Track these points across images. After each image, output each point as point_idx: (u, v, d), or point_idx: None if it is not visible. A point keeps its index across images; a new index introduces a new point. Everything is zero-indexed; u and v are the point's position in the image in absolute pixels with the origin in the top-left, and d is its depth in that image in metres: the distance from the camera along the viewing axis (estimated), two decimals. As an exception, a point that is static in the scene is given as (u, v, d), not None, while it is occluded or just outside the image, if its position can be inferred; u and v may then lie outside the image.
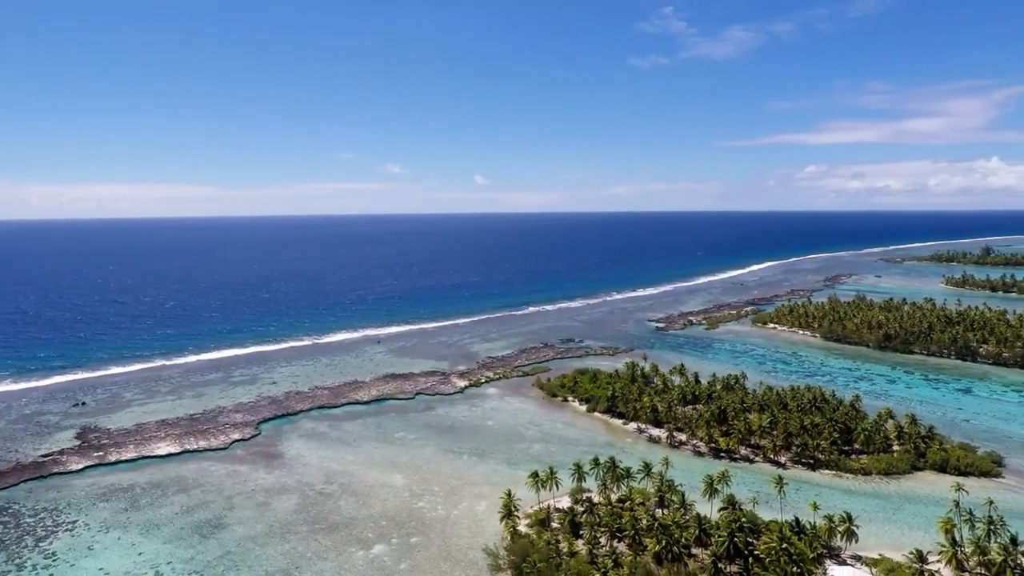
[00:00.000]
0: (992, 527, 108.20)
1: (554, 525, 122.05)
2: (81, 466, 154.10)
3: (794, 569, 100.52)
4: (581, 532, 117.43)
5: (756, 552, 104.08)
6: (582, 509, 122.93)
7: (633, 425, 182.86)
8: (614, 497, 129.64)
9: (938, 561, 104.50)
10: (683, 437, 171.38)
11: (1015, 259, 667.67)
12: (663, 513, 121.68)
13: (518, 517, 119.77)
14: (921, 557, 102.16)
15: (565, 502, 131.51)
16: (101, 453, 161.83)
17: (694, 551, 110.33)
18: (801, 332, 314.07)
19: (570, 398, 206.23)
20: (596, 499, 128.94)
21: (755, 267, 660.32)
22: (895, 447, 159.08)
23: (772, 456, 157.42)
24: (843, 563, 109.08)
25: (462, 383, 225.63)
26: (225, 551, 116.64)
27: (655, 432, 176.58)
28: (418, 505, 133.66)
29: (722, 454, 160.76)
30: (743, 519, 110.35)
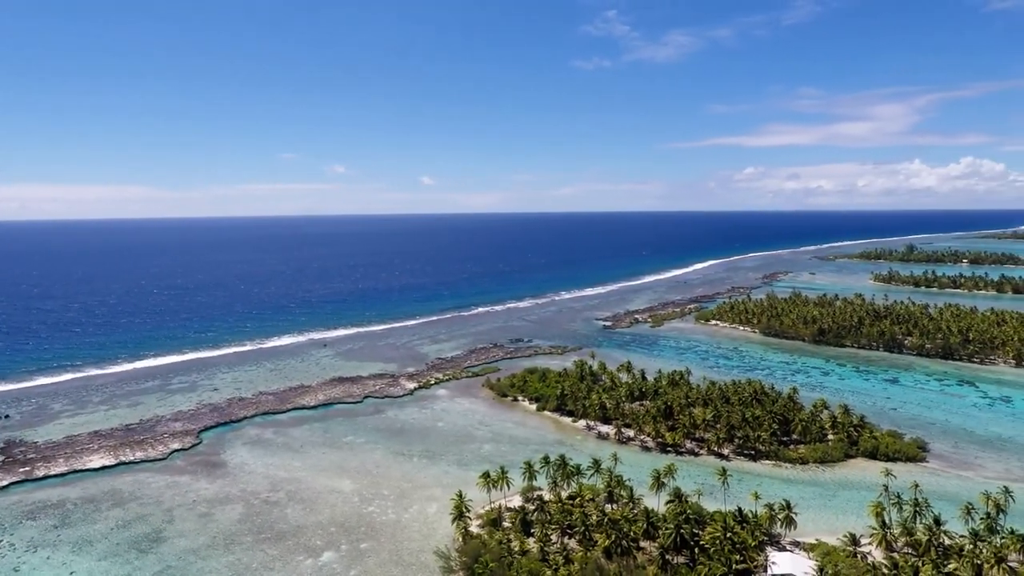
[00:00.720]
0: (918, 509, 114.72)
1: (505, 524, 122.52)
2: (5, 483, 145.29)
3: (737, 557, 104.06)
4: (532, 530, 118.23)
5: (701, 542, 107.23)
6: (533, 507, 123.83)
7: (582, 423, 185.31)
8: (564, 494, 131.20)
9: (869, 543, 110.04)
10: (631, 433, 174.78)
11: (936, 256, 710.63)
12: (612, 508, 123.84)
13: (469, 518, 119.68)
14: (854, 540, 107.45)
15: (516, 501, 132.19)
16: (27, 468, 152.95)
17: (643, 544, 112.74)
18: (742, 328, 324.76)
19: (520, 397, 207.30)
20: (547, 497, 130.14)
21: (698, 266, 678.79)
22: (830, 436, 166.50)
23: (716, 449, 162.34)
24: (783, 549, 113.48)
25: (411, 385, 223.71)
26: (165, 566, 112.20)
27: (604, 429, 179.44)
28: (368, 510, 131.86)
29: (668, 448, 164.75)
30: (689, 511, 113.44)
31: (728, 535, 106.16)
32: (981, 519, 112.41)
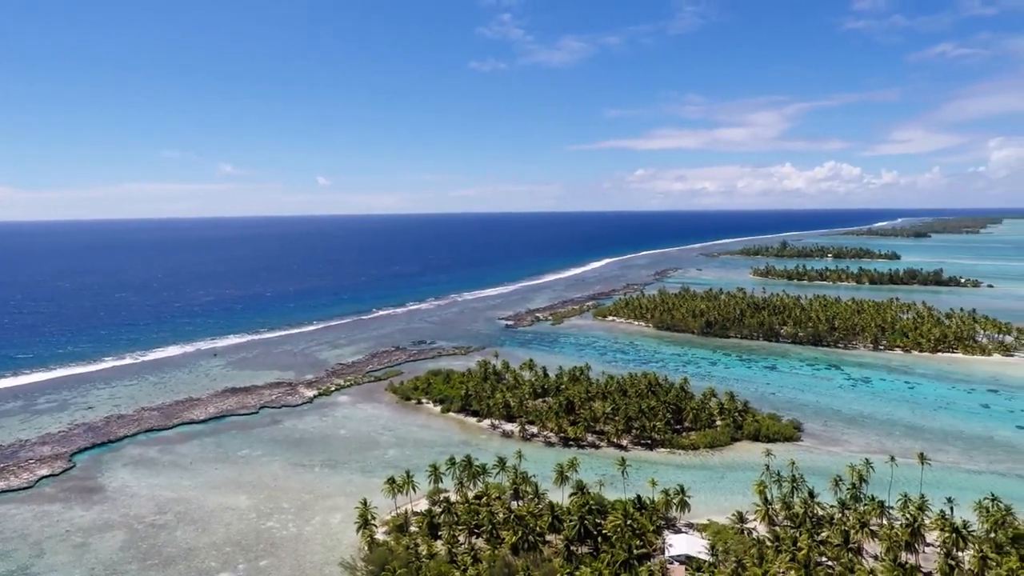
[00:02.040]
0: (795, 485, 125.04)
1: (412, 529, 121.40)
2: None
3: (637, 542, 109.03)
4: (440, 533, 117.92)
5: (604, 531, 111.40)
6: (440, 510, 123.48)
7: (487, 422, 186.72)
8: (471, 495, 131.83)
9: (754, 519, 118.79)
10: (535, 429, 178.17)
11: (806, 251, 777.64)
12: (518, 505, 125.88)
13: (375, 526, 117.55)
14: (741, 518, 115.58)
15: (423, 505, 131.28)
16: None
17: (548, 537, 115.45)
18: (637, 323, 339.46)
19: (424, 400, 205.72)
20: (454, 498, 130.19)
21: (595, 264, 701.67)
22: (718, 422, 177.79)
23: (615, 440, 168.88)
24: (679, 531, 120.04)
25: (310, 393, 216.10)
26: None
27: (508, 427, 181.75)
28: (267, 525, 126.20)
29: (571, 442, 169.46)
30: (592, 502, 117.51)
31: (628, 522, 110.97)
32: (848, 489, 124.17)
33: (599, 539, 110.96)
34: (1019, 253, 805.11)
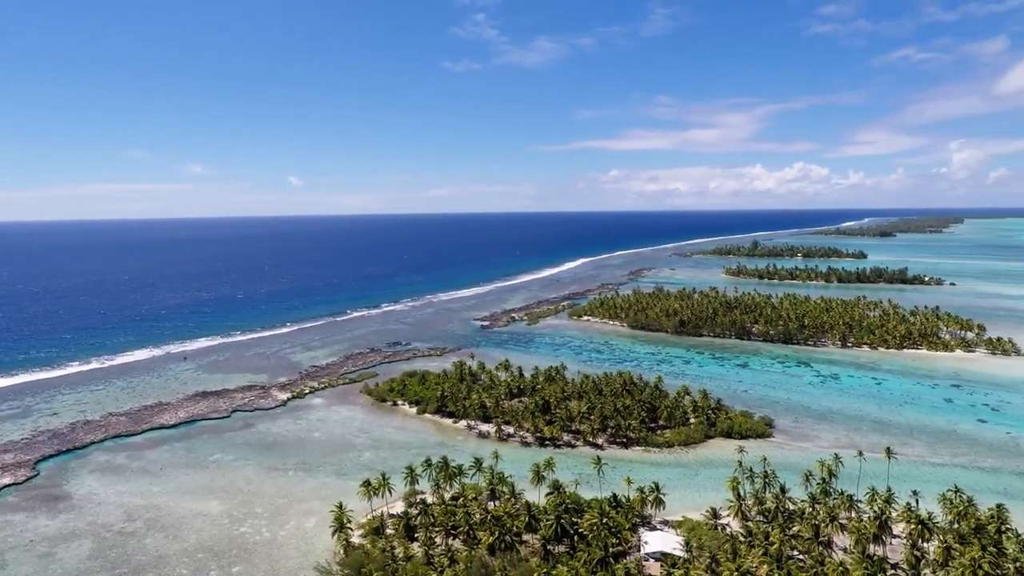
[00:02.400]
0: (767, 480, 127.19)
1: (389, 531, 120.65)
2: None
3: (613, 540, 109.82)
4: (416, 535, 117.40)
5: (580, 530, 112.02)
6: (416, 512, 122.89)
7: (463, 423, 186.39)
8: (448, 496, 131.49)
9: (728, 515, 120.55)
10: (511, 430, 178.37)
11: (776, 251, 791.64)
12: (495, 505, 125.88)
13: (351, 529, 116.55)
14: (715, 514, 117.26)
15: (399, 507, 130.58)
16: None
17: (525, 537, 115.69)
18: (611, 322, 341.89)
19: (400, 401, 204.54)
20: (430, 500, 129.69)
21: (570, 264, 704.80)
22: (692, 420, 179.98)
23: (591, 439, 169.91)
24: (654, 528, 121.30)
25: (284, 396, 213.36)
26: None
27: (484, 427, 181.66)
28: (240, 531, 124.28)
29: (547, 442, 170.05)
30: (568, 501, 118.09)
31: (604, 520, 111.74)
32: (818, 484, 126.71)
33: (576, 538, 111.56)
34: (980, 252, 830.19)
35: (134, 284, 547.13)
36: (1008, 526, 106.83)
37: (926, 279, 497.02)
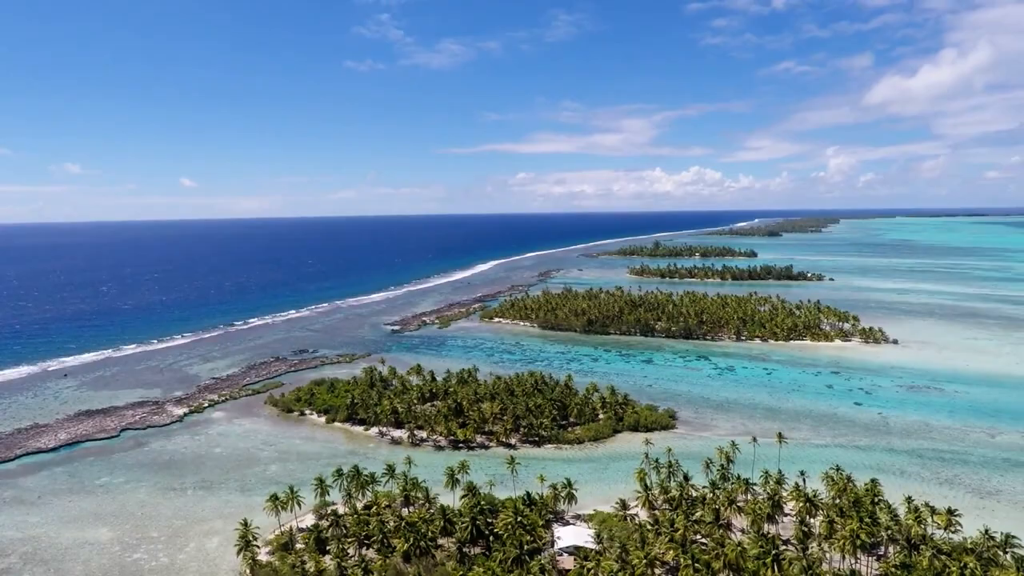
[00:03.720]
0: (671, 470, 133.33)
1: (299, 546, 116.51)
2: None
3: (528, 538, 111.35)
4: (328, 547, 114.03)
5: (496, 530, 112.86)
6: (327, 524, 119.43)
7: (375, 430, 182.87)
8: (360, 505, 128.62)
9: (636, 505, 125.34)
10: (424, 434, 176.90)
11: (676, 251, 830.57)
12: (409, 512, 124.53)
13: (257, 546, 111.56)
14: (624, 505, 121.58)
15: (309, 520, 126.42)
16: None
17: (441, 542, 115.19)
18: (522, 323, 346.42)
19: (307, 411, 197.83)
20: (342, 511, 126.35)
21: (480, 267, 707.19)
22: (601, 415, 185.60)
23: (504, 440, 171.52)
24: (567, 523, 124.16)
25: (180, 411, 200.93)
26: None
27: (397, 433, 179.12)
28: (133, 558, 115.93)
29: (461, 445, 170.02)
30: (483, 502, 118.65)
31: (519, 519, 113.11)
32: (717, 470, 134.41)
33: (491, 538, 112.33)
34: (854, 249, 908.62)
35: (6, 296, 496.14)
36: (880, 498, 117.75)
37: (808, 275, 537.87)
